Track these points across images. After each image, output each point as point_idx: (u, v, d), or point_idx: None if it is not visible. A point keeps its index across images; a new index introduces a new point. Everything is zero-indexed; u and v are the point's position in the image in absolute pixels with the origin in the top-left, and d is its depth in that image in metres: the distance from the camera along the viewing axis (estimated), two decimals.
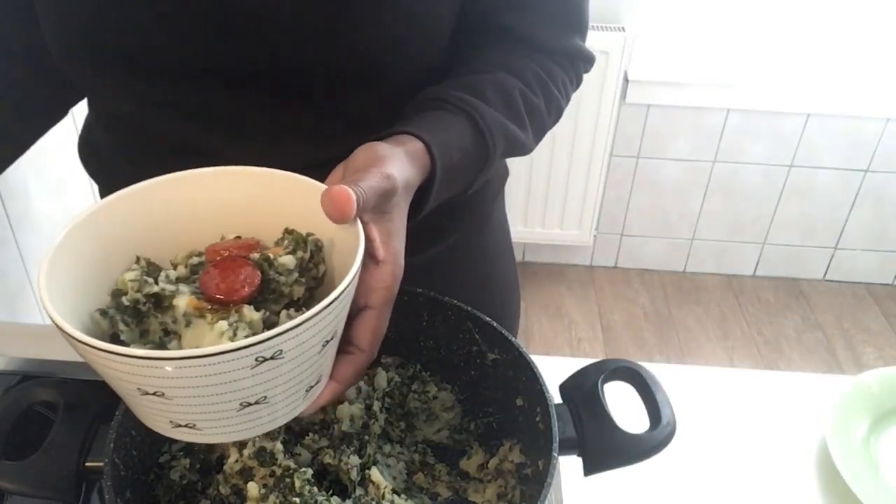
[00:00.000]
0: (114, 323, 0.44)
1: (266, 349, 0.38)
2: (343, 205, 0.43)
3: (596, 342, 2.48)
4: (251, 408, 0.42)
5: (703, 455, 0.77)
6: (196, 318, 0.43)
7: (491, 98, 0.63)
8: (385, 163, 0.49)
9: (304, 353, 0.41)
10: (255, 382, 0.40)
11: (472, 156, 0.61)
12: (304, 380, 0.43)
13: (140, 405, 0.43)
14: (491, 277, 0.87)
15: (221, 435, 0.44)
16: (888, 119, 2.39)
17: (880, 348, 2.48)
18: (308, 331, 0.40)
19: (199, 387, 0.39)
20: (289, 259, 0.46)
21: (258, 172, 0.50)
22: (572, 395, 0.59)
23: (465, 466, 0.65)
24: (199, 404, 0.41)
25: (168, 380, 0.39)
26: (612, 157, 2.50)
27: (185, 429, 0.43)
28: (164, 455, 0.60)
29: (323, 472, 0.58)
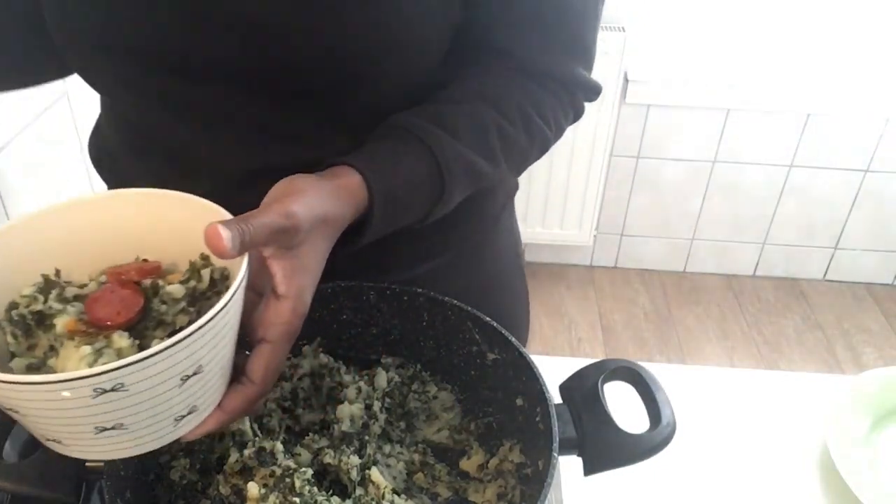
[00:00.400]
0: (4, 334, 0.45)
1: (103, 381, 0.38)
2: (215, 242, 0.43)
3: (596, 342, 2.48)
4: (109, 432, 0.42)
5: (703, 455, 0.77)
6: (67, 339, 0.44)
7: (460, 130, 0.61)
8: (293, 199, 0.49)
9: (156, 388, 0.41)
10: (103, 411, 0.40)
11: (423, 187, 0.60)
12: (167, 411, 0.43)
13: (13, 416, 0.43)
14: (497, 290, 0.86)
15: (86, 453, 0.45)
16: (888, 119, 2.39)
17: (880, 348, 2.48)
18: (152, 367, 0.39)
19: (46, 409, 0.40)
20: (176, 288, 0.46)
21: (171, 195, 0.50)
22: (572, 395, 0.60)
23: (465, 466, 0.65)
24: (54, 424, 0.41)
25: (14, 400, 0.39)
26: (612, 157, 2.50)
27: (54, 442, 0.44)
28: (164, 455, 0.60)
29: (323, 472, 0.59)
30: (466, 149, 0.61)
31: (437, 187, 0.60)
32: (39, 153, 1.32)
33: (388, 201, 0.56)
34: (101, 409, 0.40)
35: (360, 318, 0.69)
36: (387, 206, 0.56)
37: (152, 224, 0.51)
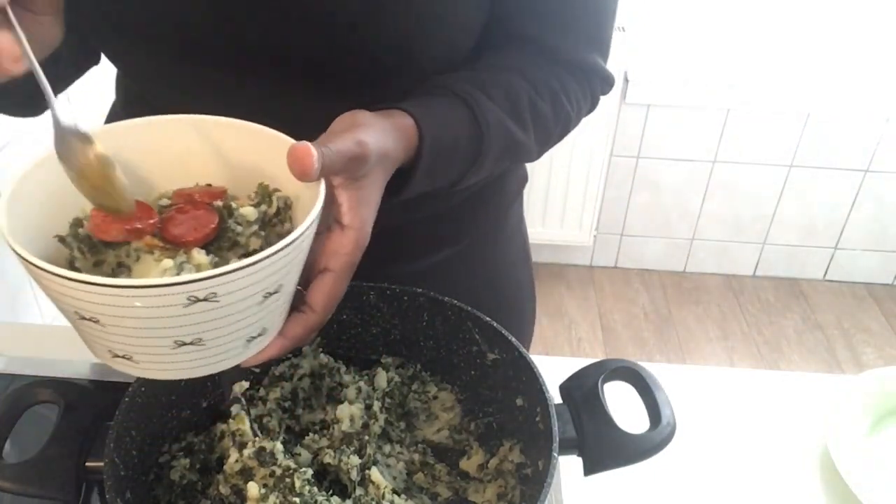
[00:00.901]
0: (71, 250, 0.45)
1: (199, 289, 0.39)
2: (304, 161, 0.43)
3: (596, 342, 2.48)
4: (186, 347, 0.42)
5: (703, 455, 0.77)
6: (145, 253, 0.44)
7: (495, 95, 0.63)
8: (361, 129, 0.49)
9: (242, 301, 0.41)
10: (189, 322, 0.40)
11: (464, 145, 0.60)
12: (244, 329, 0.44)
13: (82, 330, 0.43)
14: (506, 284, 0.86)
15: (157, 371, 0.45)
16: (888, 119, 2.39)
17: (880, 348, 2.48)
18: (245, 278, 0.40)
19: (132, 317, 0.40)
20: (250, 210, 0.47)
21: (236, 124, 0.51)
22: (572, 395, 0.60)
23: (465, 466, 0.65)
24: (133, 336, 0.41)
25: (101, 306, 0.39)
26: (612, 157, 2.50)
27: (123, 360, 0.44)
28: (164, 455, 0.60)
29: (323, 472, 0.59)
30: (503, 114, 0.63)
31: (476, 147, 0.61)
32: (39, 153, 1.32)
33: (435, 150, 0.56)
34: (188, 321, 0.40)
35: (360, 318, 0.69)
36: (433, 154, 0.56)
37: (214, 150, 0.51)
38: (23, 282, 1.30)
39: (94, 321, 0.40)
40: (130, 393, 0.56)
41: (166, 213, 0.47)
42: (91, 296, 0.39)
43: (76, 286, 0.38)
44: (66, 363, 0.79)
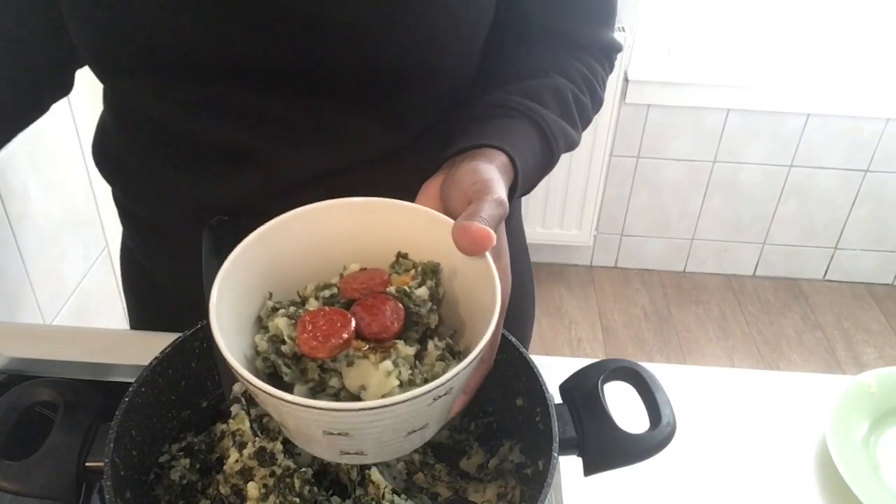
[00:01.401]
0: (276, 367, 0.47)
1: (443, 389, 0.42)
2: (483, 242, 0.46)
3: (596, 342, 2.48)
4: (414, 433, 0.46)
5: (703, 455, 0.77)
6: (358, 358, 0.45)
7: (549, 102, 0.65)
8: (494, 187, 0.51)
9: (462, 385, 0.46)
10: (427, 415, 0.44)
11: (540, 159, 0.63)
12: (451, 405, 0.48)
13: (317, 441, 0.45)
14: None
15: (384, 456, 0.49)
16: (888, 119, 2.39)
17: (880, 348, 2.48)
18: (471, 366, 0.43)
19: (382, 426, 0.43)
20: (423, 291, 0.49)
21: (381, 203, 0.52)
22: (572, 395, 0.59)
23: (465, 466, 0.65)
24: (377, 437, 0.44)
25: (356, 423, 0.42)
26: (612, 157, 2.50)
27: (353, 455, 0.46)
28: (164, 455, 0.60)
29: (323, 472, 0.58)
30: (559, 118, 0.65)
31: (548, 158, 0.65)
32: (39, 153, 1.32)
33: (526, 177, 0.60)
34: (426, 415, 0.44)
35: None
36: (524, 181, 0.59)
37: (348, 232, 0.53)
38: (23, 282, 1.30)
39: (344, 435, 0.43)
40: (130, 393, 0.56)
41: (354, 309, 0.48)
42: (349, 418, 0.41)
43: (336, 414, 0.41)
44: (66, 363, 0.79)
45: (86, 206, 1.49)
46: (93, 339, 0.85)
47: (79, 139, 1.44)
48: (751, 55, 2.33)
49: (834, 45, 2.31)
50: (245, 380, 0.42)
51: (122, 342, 0.83)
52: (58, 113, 1.37)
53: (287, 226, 0.51)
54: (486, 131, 0.60)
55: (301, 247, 0.52)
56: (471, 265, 0.48)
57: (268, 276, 0.50)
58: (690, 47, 2.34)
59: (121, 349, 0.81)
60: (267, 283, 0.50)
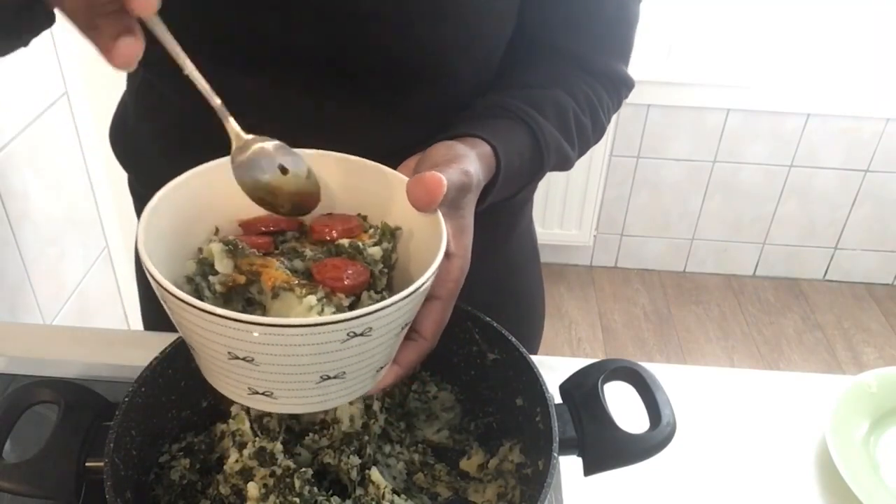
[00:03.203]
0: (199, 289, 0.47)
1: (359, 325, 0.40)
2: (435, 190, 0.45)
3: (596, 342, 2.48)
4: (329, 381, 0.44)
5: (703, 455, 0.77)
6: (285, 290, 0.45)
7: (549, 113, 0.65)
8: (463, 160, 0.51)
9: (387, 334, 0.44)
10: (341, 357, 0.42)
11: (528, 164, 0.63)
12: (379, 359, 0.46)
13: (223, 369, 0.44)
14: (515, 287, 0.87)
15: (295, 406, 0.46)
16: (888, 119, 2.39)
17: (880, 348, 2.48)
18: (395, 312, 0.42)
19: (290, 355, 0.41)
20: (376, 250, 0.49)
21: (337, 158, 0.53)
22: (572, 395, 0.59)
23: (465, 466, 0.65)
24: (284, 372, 0.42)
25: (261, 346, 0.40)
26: (612, 157, 2.50)
27: (262, 396, 0.45)
28: (164, 455, 0.60)
29: (323, 472, 0.59)
30: (555, 130, 0.65)
31: (538, 164, 0.65)
32: (39, 153, 1.32)
33: (508, 172, 0.59)
34: (340, 356, 0.42)
35: None
36: (506, 176, 0.59)
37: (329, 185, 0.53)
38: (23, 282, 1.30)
39: (248, 360, 0.41)
40: (130, 393, 0.56)
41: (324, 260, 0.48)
42: (252, 335, 0.39)
43: (240, 326, 0.39)
44: (66, 363, 0.79)
45: (86, 206, 1.49)
46: (93, 339, 0.85)
47: (79, 139, 1.44)
48: (751, 55, 2.33)
49: (834, 45, 2.31)
50: (154, 281, 0.41)
51: (122, 342, 0.83)
52: (58, 113, 1.37)
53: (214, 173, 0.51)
54: (476, 125, 0.60)
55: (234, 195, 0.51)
56: (425, 226, 0.48)
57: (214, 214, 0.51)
58: (690, 47, 2.34)
59: (121, 349, 0.81)
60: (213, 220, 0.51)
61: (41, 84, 1.32)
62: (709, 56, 2.34)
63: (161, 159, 0.73)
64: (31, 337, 0.87)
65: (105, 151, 1.46)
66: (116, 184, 1.47)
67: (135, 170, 0.78)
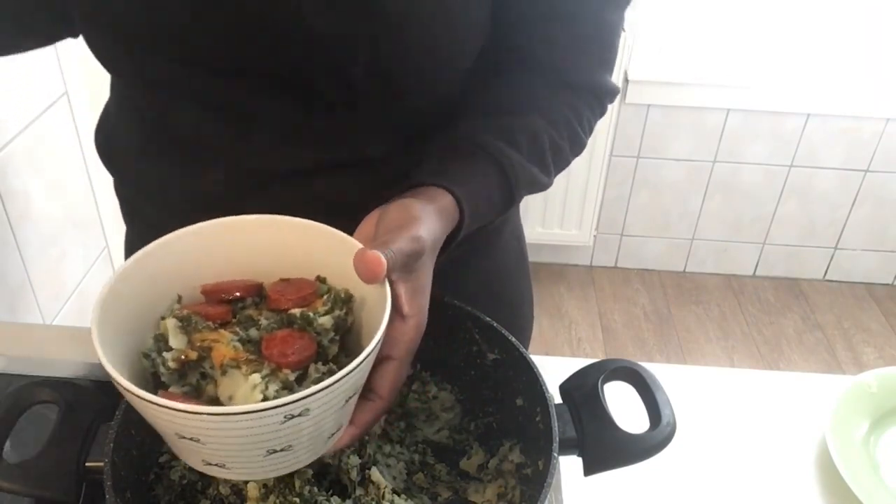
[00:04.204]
0: (155, 365, 0.47)
1: (295, 408, 0.41)
2: (374, 268, 0.46)
3: (596, 342, 2.48)
4: (277, 454, 0.45)
5: (703, 455, 0.77)
6: (232, 368, 0.46)
7: (523, 145, 0.64)
8: (416, 225, 0.51)
9: (329, 409, 0.44)
10: (282, 435, 0.43)
11: (497, 203, 0.63)
12: (327, 429, 0.47)
13: (177, 445, 0.46)
14: (503, 291, 0.86)
15: (248, 475, 0.48)
16: (888, 119, 2.39)
17: (880, 348, 2.48)
18: (331, 393, 0.42)
19: (231, 437, 0.42)
20: (327, 320, 0.49)
21: (296, 223, 0.53)
22: (572, 395, 0.59)
23: (465, 466, 0.65)
24: (230, 450, 0.44)
25: (203, 430, 0.42)
26: (612, 157, 2.50)
27: (216, 467, 0.46)
28: (164, 455, 0.60)
29: (323, 472, 0.58)
30: (529, 164, 0.65)
31: (508, 202, 0.64)
32: (39, 153, 1.32)
33: (473, 218, 0.59)
34: (282, 434, 0.43)
35: None
36: (472, 222, 0.59)
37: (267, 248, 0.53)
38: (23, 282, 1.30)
39: (195, 440, 0.43)
40: None
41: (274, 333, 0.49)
42: (193, 421, 0.41)
43: (180, 415, 0.41)
44: (66, 363, 0.79)
45: (86, 206, 1.49)
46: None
47: (79, 139, 1.44)
48: (750, 55, 2.33)
49: (834, 45, 2.31)
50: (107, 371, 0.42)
51: None
52: (58, 113, 1.37)
53: (198, 235, 0.52)
54: (440, 169, 0.60)
55: (213, 258, 0.53)
56: (376, 295, 0.48)
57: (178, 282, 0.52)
58: (691, 47, 2.34)
59: None
60: (176, 289, 0.52)
61: (41, 84, 1.32)
62: (709, 56, 2.34)
63: (141, 163, 0.74)
64: (31, 337, 0.87)
65: None
66: None
67: (118, 173, 0.78)
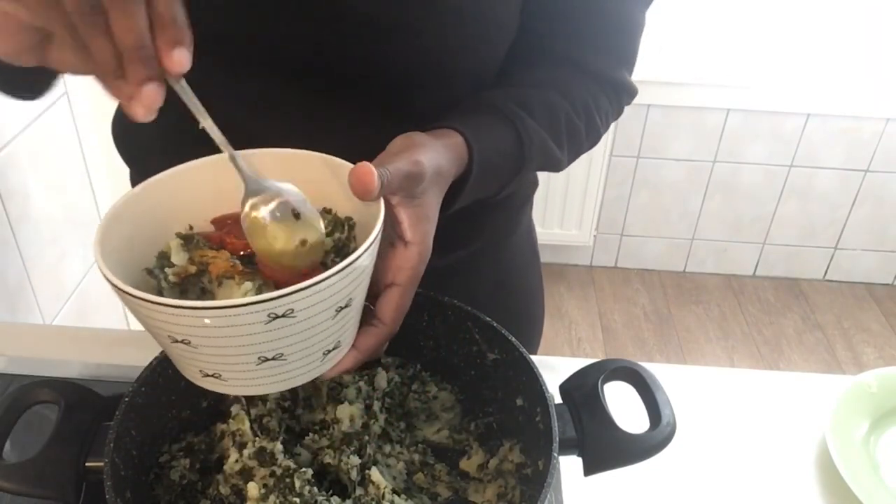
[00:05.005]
0: (158, 280, 0.49)
1: (277, 306, 0.41)
2: (365, 180, 0.46)
3: (596, 342, 2.48)
4: (269, 363, 0.45)
5: (703, 455, 0.77)
6: (227, 279, 0.47)
7: (536, 112, 0.65)
8: (416, 149, 0.52)
9: (317, 316, 0.44)
10: (270, 338, 0.43)
11: (509, 160, 0.63)
12: (320, 342, 0.47)
13: (173, 353, 0.47)
14: (515, 287, 0.87)
15: (243, 387, 0.48)
16: (888, 119, 2.39)
17: (880, 348, 2.48)
18: (318, 294, 0.42)
19: (219, 337, 0.43)
20: (328, 241, 0.50)
21: (295, 154, 0.54)
22: (572, 395, 0.59)
23: (465, 466, 0.65)
24: (222, 354, 0.44)
25: (190, 328, 0.42)
26: (612, 156, 2.50)
27: (212, 378, 0.47)
28: (164, 455, 0.60)
29: (323, 472, 0.59)
30: (542, 130, 0.65)
31: (519, 162, 0.64)
32: (39, 153, 1.32)
33: (483, 165, 0.59)
34: (269, 337, 0.43)
35: None
36: (482, 169, 0.59)
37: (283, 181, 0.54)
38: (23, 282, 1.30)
39: (186, 343, 0.43)
40: (130, 393, 0.56)
41: None
42: (180, 318, 0.42)
43: (167, 310, 0.41)
44: (66, 363, 0.79)
45: (86, 206, 1.49)
46: (93, 339, 0.85)
47: (79, 139, 1.44)
48: (750, 55, 2.33)
49: (834, 44, 2.31)
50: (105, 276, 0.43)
51: (122, 342, 0.83)
52: (58, 113, 1.37)
53: (193, 173, 0.53)
54: (452, 118, 0.60)
55: (209, 194, 0.53)
56: (370, 213, 0.48)
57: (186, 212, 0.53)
58: (691, 47, 2.34)
59: (121, 349, 0.81)
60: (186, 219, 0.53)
61: None
62: (709, 56, 2.34)
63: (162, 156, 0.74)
64: (31, 337, 0.87)
65: (105, 152, 1.46)
66: (116, 184, 1.47)
67: (136, 165, 0.78)
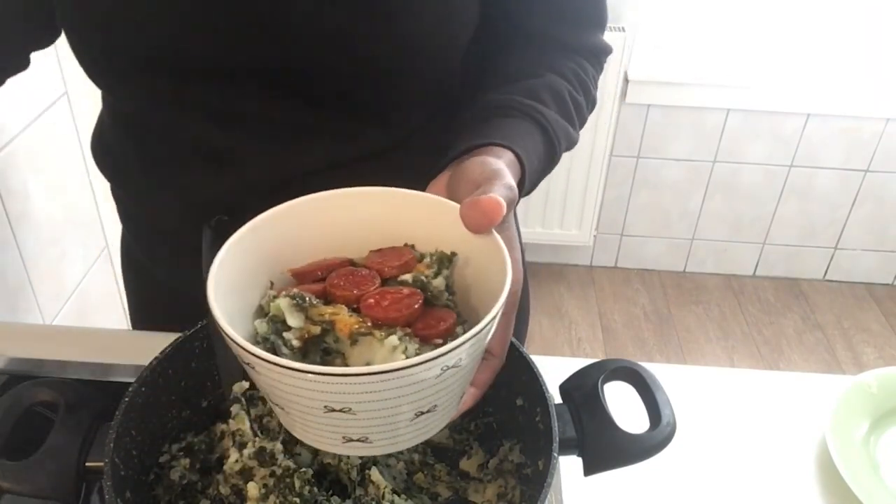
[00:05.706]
0: (276, 347, 0.45)
1: (452, 358, 0.40)
2: (492, 213, 0.45)
3: (596, 342, 2.48)
4: (422, 416, 0.44)
5: (703, 455, 0.77)
6: (363, 335, 0.44)
7: (548, 101, 0.65)
8: (504, 175, 0.51)
9: (474, 361, 0.44)
10: (435, 391, 0.42)
11: (545, 160, 0.64)
12: (464, 386, 0.46)
13: (316, 422, 0.43)
14: None
15: (390, 446, 0.46)
16: (888, 119, 2.39)
17: (880, 348, 2.48)
18: (484, 338, 0.42)
19: (387, 399, 0.40)
20: (440, 281, 0.48)
21: (378, 192, 0.51)
22: (572, 395, 0.59)
23: (465, 466, 0.65)
24: (380, 416, 0.42)
25: (359, 395, 0.40)
26: (612, 156, 2.50)
27: (357, 443, 0.44)
28: (164, 455, 0.60)
29: (323, 472, 0.59)
30: (560, 118, 0.66)
31: (550, 156, 0.65)
32: (39, 153, 1.32)
33: (531, 176, 0.60)
34: (434, 390, 0.42)
35: None
36: (530, 180, 0.59)
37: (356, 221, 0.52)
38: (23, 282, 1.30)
39: (346, 411, 0.41)
40: (130, 393, 0.56)
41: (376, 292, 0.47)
42: (353, 387, 0.39)
43: (340, 381, 0.39)
44: (66, 363, 0.79)
45: (86, 206, 1.49)
46: (93, 339, 0.85)
47: (79, 139, 1.44)
48: (750, 55, 2.33)
49: (834, 45, 2.31)
50: (241, 348, 0.40)
51: (122, 342, 0.83)
52: (58, 113, 1.37)
53: (288, 215, 0.50)
54: (489, 131, 0.60)
55: (303, 237, 0.51)
56: (481, 249, 0.47)
57: (268, 266, 0.49)
58: (691, 47, 2.34)
59: (121, 349, 0.81)
60: (267, 273, 0.49)
61: (41, 84, 1.32)
62: (708, 56, 2.34)
63: (137, 169, 0.74)
64: (31, 337, 0.87)
65: None
66: None
67: (114, 179, 0.79)
